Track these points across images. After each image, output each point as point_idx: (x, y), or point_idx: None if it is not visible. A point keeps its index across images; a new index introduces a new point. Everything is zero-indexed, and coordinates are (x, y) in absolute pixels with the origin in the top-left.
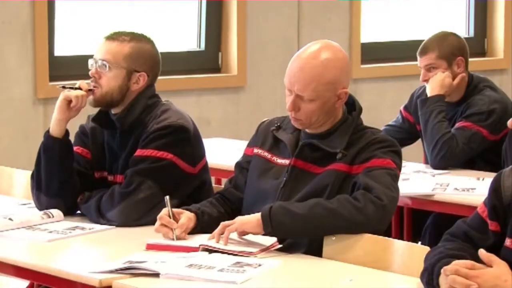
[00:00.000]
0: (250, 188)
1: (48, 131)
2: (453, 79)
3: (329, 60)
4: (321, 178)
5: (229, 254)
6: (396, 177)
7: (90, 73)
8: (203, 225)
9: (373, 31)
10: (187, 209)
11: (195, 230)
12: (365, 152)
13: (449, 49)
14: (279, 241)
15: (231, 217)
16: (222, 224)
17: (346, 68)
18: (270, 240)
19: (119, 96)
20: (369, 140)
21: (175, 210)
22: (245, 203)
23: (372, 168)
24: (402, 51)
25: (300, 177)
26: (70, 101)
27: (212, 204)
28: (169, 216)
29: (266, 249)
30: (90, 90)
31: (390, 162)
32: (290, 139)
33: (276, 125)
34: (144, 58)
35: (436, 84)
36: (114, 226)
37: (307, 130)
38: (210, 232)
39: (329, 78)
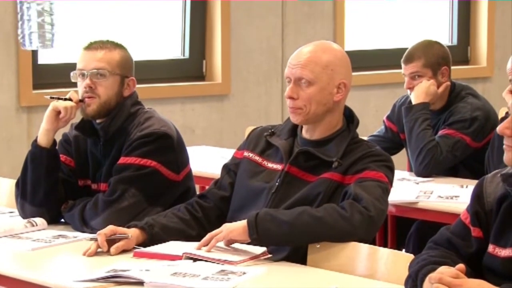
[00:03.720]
0: (239, 190)
1: (35, 140)
2: (437, 87)
3: (328, 47)
4: (314, 186)
5: (212, 262)
6: (386, 191)
7: (85, 84)
8: (155, 237)
9: (356, 39)
10: (134, 225)
11: (145, 244)
12: (359, 164)
13: (434, 58)
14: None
15: (198, 223)
16: (210, 234)
17: (345, 60)
18: (259, 250)
19: (115, 104)
20: (364, 152)
21: (121, 229)
22: (234, 204)
23: (364, 179)
24: (385, 59)
25: (293, 183)
26: (59, 112)
27: (175, 213)
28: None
29: (254, 258)
30: (81, 101)
31: (382, 176)
32: (284, 145)
33: (269, 131)
34: (130, 63)
35: (421, 91)
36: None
37: (304, 136)
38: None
39: (327, 61)
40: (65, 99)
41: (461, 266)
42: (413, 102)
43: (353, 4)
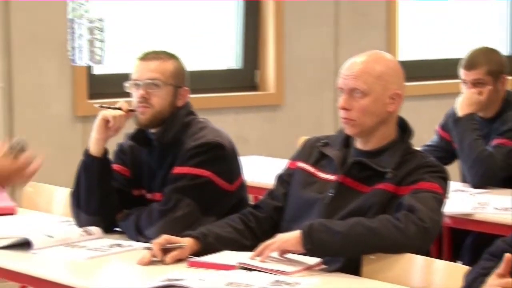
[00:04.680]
0: (292, 201)
1: (87, 150)
2: (493, 96)
3: (380, 58)
4: (368, 197)
5: (266, 272)
6: (441, 203)
7: (139, 94)
8: (209, 247)
9: (409, 49)
10: (188, 235)
11: (199, 253)
12: (414, 174)
13: (497, 66)
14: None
15: (252, 233)
16: (264, 244)
17: (398, 70)
18: (313, 260)
19: (168, 114)
20: (419, 163)
21: (175, 238)
22: (287, 215)
23: (419, 190)
24: (439, 69)
25: (346, 194)
26: (108, 121)
27: (229, 223)
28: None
29: (308, 269)
30: (131, 110)
31: (437, 187)
32: (337, 155)
33: (323, 141)
34: (183, 73)
35: (463, 103)
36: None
37: (357, 146)
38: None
39: (380, 71)
40: (115, 108)
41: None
42: (459, 114)
43: (407, 13)
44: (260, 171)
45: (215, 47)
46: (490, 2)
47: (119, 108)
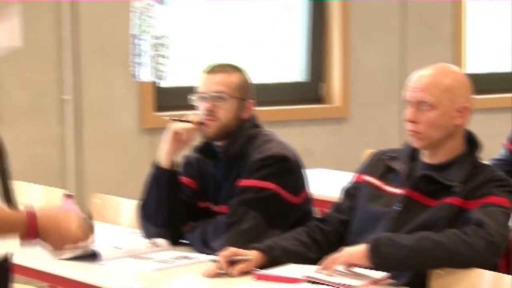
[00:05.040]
0: (358, 214)
1: (157, 162)
2: None
3: (448, 71)
4: (435, 211)
5: (332, 286)
6: (509, 217)
7: (205, 107)
8: (275, 260)
9: (477, 61)
10: (254, 247)
11: (265, 266)
12: (482, 188)
13: None
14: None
15: (317, 246)
16: (330, 257)
17: (466, 83)
18: (380, 274)
19: (234, 127)
20: (488, 177)
21: (242, 251)
22: (353, 228)
23: (487, 204)
24: (508, 82)
25: (413, 208)
26: (178, 134)
27: (295, 236)
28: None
29: (374, 283)
30: (200, 123)
31: (506, 201)
32: (404, 169)
33: (389, 154)
34: (248, 86)
35: None
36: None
37: (424, 159)
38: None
39: (448, 84)
40: (185, 121)
41: None
42: None
43: (474, 25)
44: (325, 184)
45: (280, 59)
46: None
47: (189, 121)
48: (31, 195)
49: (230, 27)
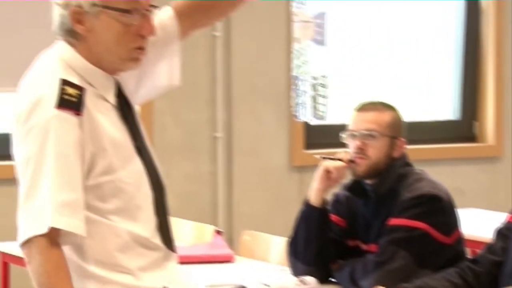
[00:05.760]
0: (511, 255)
1: (307, 199)
2: None
3: None
4: None
5: None
6: None
7: (355, 145)
8: None
9: None
10: (404, 287)
11: None
12: None
13: None
14: None
15: (470, 287)
16: None
17: None
18: None
19: (384, 165)
20: None
21: None
22: (507, 270)
23: None
24: None
25: None
26: (329, 172)
27: (445, 277)
28: None
29: None
30: (351, 161)
31: None
32: None
33: None
34: (400, 124)
35: None
36: None
37: None
38: None
39: None
40: (335, 159)
41: None
42: None
43: None
44: (477, 224)
45: (433, 97)
46: None
47: (339, 159)
48: (182, 231)
49: (382, 65)
